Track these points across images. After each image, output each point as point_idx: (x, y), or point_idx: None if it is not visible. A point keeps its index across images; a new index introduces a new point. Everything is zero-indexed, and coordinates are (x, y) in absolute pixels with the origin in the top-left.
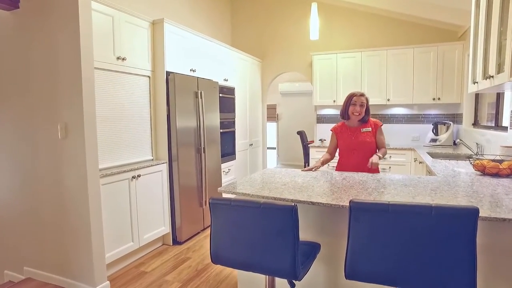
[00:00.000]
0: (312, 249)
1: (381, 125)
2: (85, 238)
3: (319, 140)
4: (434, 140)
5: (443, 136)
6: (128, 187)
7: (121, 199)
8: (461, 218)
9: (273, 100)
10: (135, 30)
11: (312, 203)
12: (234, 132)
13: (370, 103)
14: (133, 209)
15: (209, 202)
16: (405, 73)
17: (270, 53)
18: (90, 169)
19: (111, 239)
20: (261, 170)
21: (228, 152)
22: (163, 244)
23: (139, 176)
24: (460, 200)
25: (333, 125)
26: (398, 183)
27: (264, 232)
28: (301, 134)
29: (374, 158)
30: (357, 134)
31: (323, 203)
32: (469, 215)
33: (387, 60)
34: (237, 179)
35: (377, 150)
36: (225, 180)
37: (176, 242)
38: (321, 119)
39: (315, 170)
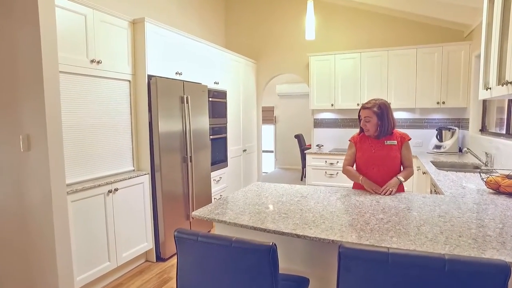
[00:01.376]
0: (299, 286)
1: (408, 140)
2: (50, 261)
3: (316, 146)
4: (438, 147)
5: (448, 143)
6: (103, 203)
7: (95, 216)
8: (484, 278)
9: (270, 102)
10: (112, 31)
11: (298, 236)
12: (225, 138)
13: None
14: (110, 226)
15: (174, 235)
16: (408, 75)
17: (265, 54)
18: (55, 184)
19: (84, 260)
20: (249, 185)
21: (219, 159)
22: (146, 261)
23: (116, 190)
24: (475, 233)
25: (333, 129)
26: (400, 206)
27: (236, 274)
28: (298, 137)
29: (393, 182)
30: (379, 146)
31: (310, 237)
32: (496, 274)
33: (388, 61)
34: (229, 187)
35: (401, 169)
36: (216, 189)
37: (160, 258)
38: (318, 124)
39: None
